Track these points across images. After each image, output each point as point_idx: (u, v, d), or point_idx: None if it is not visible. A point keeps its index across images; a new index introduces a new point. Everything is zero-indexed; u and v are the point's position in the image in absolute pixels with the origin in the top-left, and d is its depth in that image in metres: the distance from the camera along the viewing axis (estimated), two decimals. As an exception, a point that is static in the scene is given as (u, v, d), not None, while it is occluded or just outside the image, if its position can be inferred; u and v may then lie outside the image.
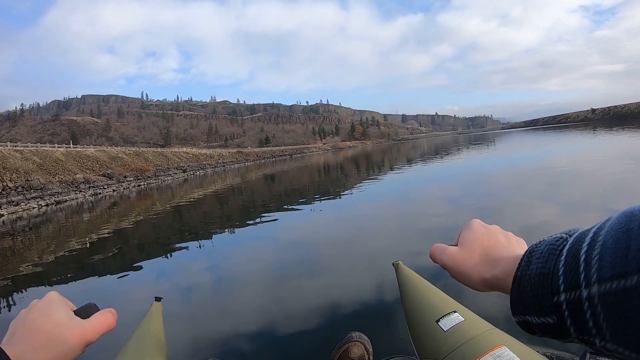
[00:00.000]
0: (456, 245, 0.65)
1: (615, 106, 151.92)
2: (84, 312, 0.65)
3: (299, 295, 4.97)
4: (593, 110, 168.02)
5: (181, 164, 59.30)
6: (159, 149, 71.42)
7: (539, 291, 0.42)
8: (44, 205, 23.05)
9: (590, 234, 0.38)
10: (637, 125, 47.44)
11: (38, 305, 0.63)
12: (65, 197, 26.42)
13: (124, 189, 32.88)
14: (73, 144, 60.65)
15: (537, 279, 0.42)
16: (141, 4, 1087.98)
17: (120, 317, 0.63)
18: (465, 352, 1.74)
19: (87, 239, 11.12)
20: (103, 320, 0.65)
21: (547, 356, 2.32)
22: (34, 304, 0.64)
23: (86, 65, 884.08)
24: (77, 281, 7.04)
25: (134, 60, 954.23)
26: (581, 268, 0.37)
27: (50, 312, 0.62)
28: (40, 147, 40.70)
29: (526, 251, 0.47)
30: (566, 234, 0.44)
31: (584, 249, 0.38)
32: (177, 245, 8.97)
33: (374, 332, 3.06)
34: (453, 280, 0.57)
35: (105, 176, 37.24)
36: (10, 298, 6.35)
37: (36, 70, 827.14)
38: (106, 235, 11.28)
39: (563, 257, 0.40)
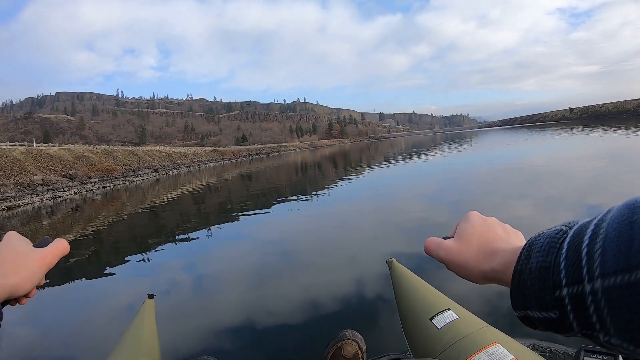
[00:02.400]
0: (452, 237, 0.65)
1: (594, 105, 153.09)
2: (42, 244, 0.73)
3: (291, 294, 4.98)
4: (571, 110, 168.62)
5: (153, 163, 55.41)
6: (130, 148, 67.94)
7: (540, 285, 0.41)
8: (-7, 212, 20.47)
9: (592, 227, 0.38)
10: (615, 125, 48.18)
11: (1, 243, 0.69)
12: (18, 202, 23.66)
13: (87, 191, 30.26)
14: (45, 143, 57.81)
15: (537, 273, 0.42)
16: (121, 0, 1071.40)
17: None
18: (459, 349, 1.73)
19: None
20: (59, 246, 0.74)
21: (541, 353, 2.54)
22: None
23: (64, 63, 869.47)
24: (55, 285, 6.75)
25: (112, 58, 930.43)
26: (583, 262, 0.36)
27: (12, 245, 0.69)
28: (-1, 145, 37.51)
29: (525, 244, 0.46)
30: (566, 226, 0.43)
31: (586, 242, 0.37)
32: (158, 246, 8.89)
33: (368, 330, 2.98)
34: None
35: (66, 177, 33.77)
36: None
37: (12, 68, 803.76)
38: (75, 239, 10.67)
39: (564, 251, 0.40)
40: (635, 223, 0.33)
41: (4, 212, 20.69)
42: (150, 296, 2.51)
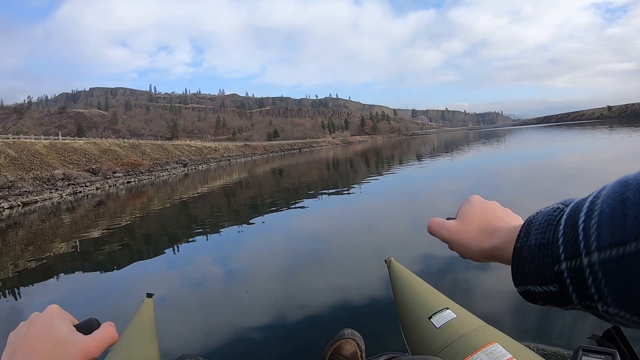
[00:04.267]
0: (455, 219, 0.67)
1: (633, 104, 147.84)
2: (86, 327, 0.64)
3: (291, 293, 4.98)
4: (609, 108, 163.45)
5: (182, 158, 54.95)
6: (159, 142, 66.03)
7: (540, 261, 0.43)
8: (7, 208, 19.08)
9: (587, 204, 0.39)
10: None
11: (39, 321, 0.61)
12: (35, 197, 22.00)
13: (110, 186, 28.60)
14: (79, 137, 57.16)
15: (537, 249, 0.43)
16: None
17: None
18: (457, 349, 1.73)
19: (71, 242, 10.18)
20: (106, 334, 0.63)
21: (539, 352, 2.58)
22: (34, 318, 0.62)
23: (98, 59, 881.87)
24: (65, 281, 7.05)
25: (146, 54, 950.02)
26: (580, 237, 0.38)
27: (52, 328, 0.60)
28: (23, 138, 35.94)
29: (524, 223, 0.48)
30: (562, 204, 0.45)
31: (582, 219, 0.39)
32: (167, 245, 8.87)
33: (367, 328, 2.88)
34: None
35: (89, 171, 32.36)
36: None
37: (48, 64, 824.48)
38: (93, 237, 10.47)
39: (562, 227, 0.41)
40: (627, 199, 0.35)
41: (19, 207, 19.61)
42: (149, 295, 2.51)
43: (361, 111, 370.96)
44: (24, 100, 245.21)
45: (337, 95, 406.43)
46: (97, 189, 27.17)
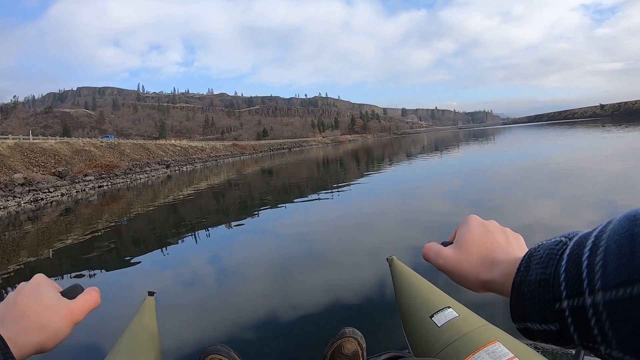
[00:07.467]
0: (452, 242, 0.65)
1: (626, 102, 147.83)
2: (70, 292, 0.66)
3: (292, 292, 4.99)
4: (602, 106, 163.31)
5: (165, 158, 50.83)
6: (140, 141, 62.40)
7: (540, 298, 0.41)
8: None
9: (592, 239, 0.38)
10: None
11: (26, 289, 0.64)
12: None
13: (77, 191, 25.86)
14: (65, 136, 54.67)
15: (537, 285, 0.42)
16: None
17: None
18: (459, 347, 1.72)
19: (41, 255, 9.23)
20: (89, 299, 0.67)
21: (540, 351, 2.65)
22: (21, 287, 0.65)
23: (90, 59, 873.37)
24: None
25: (139, 54, 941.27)
26: (584, 274, 0.36)
27: (39, 294, 0.63)
28: (-16, 139, 31.50)
29: (524, 256, 0.46)
30: (565, 237, 0.43)
31: (586, 255, 0.37)
32: (158, 248, 8.75)
33: (368, 327, 2.95)
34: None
35: (55, 175, 28.73)
36: None
37: (40, 64, 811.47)
38: (73, 241, 10.27)
39: (564, 263, 0.39)
40: (636, 236, 0.33)
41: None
42: (151, 293, 2.48)
43: (351, 110, 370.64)
44: (10, 99, 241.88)
45: (326, 94, 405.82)
46: (62, 195, 24.58)
